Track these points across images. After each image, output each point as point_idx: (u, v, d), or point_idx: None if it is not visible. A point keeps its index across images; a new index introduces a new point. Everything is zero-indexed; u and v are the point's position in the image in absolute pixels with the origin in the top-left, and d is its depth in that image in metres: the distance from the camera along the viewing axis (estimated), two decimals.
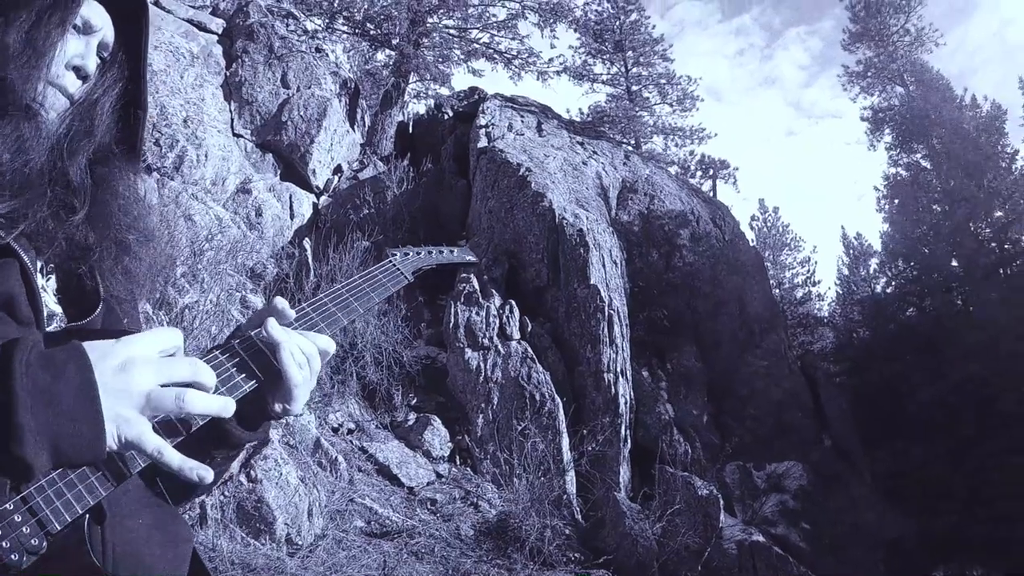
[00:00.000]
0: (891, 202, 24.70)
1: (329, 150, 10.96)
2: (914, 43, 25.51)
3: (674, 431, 11.11)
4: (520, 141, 15.17)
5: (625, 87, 24.36)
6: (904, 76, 25.17)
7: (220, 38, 11.17)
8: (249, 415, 0.96)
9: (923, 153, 24.37)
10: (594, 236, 12.06)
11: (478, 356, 9.10)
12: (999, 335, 17.72)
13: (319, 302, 1.06)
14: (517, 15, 17.69)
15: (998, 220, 21.84)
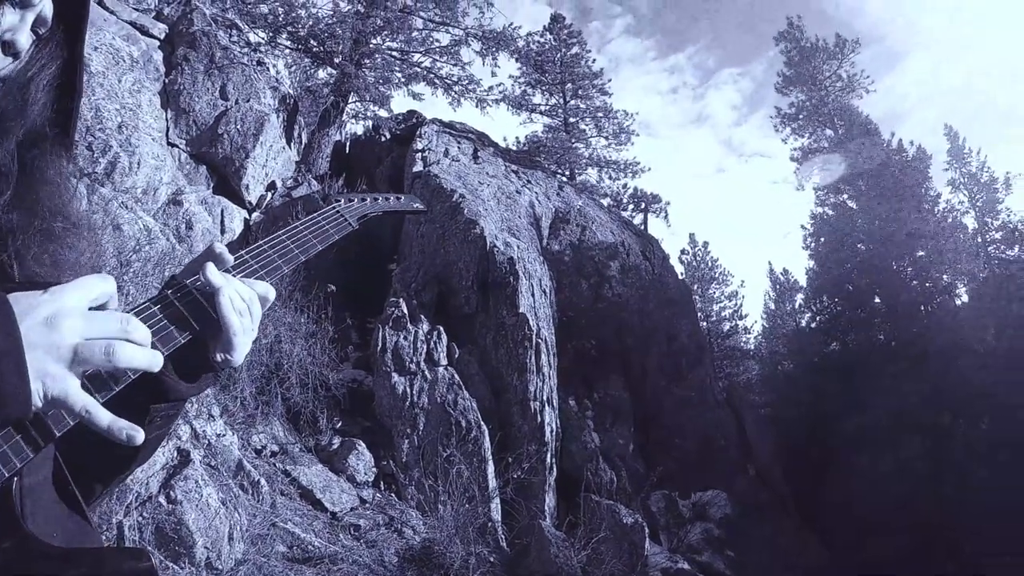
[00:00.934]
0: (817, 240, 25.51)
1: (264, 166, 10.82)
2: (845, 88, 26.78)
3: (600, 460, 11.30)
4: (455, 167, 15.29)
5: (563, 118, 24.89)
6: (834, 119, 26.33)
7: (162, 44, 10.91)
8: (189, 367, 0.93)
9: (850, 194, 25.45)
10: (524, 265, 12.23)
11: (405, 381, 9.10)
12: (920, 369, 18.75)
13: (259, 249, 1.02)
14: (460, 42, 17.85)
15: (920, 259, 22.88)
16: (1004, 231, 24.02)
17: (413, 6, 17.27)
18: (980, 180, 24.70)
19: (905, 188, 23.45)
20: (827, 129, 26.67)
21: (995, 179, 24.50)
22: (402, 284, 11.57)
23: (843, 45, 26.92)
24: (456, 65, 17.89)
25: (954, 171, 25.32)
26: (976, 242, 24.06)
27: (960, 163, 25.23)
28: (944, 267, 22.74)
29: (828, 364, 22.33)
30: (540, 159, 21.66)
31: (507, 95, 20.49)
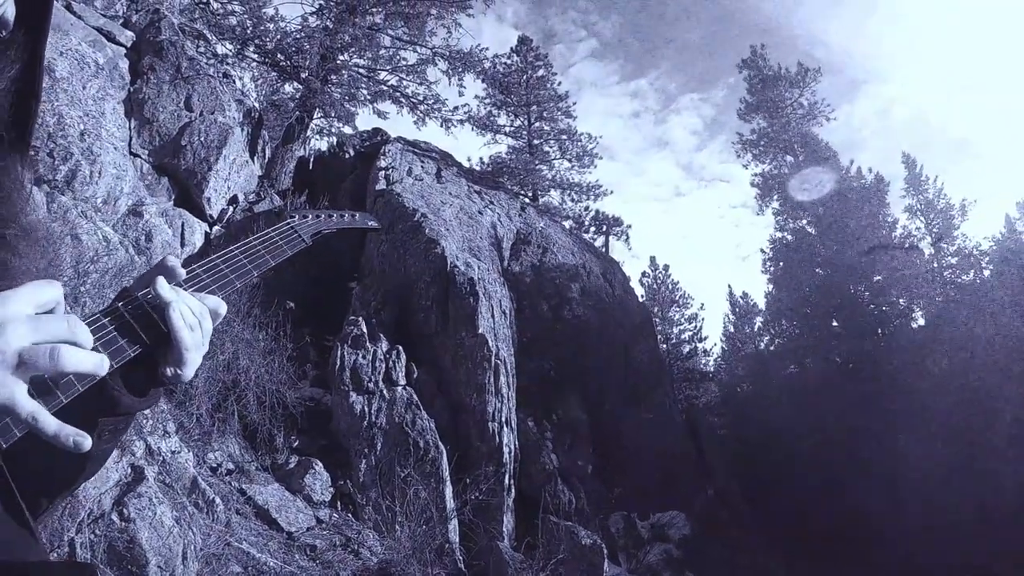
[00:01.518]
0: (776, 264, 26.11)
1: (227, 179, 10.72)
2: (806, 116, 27.42)
3: (559, 481, 11.35)
4: (418, 186, 15.32)
5: (527, 140, 25.10)
6: (795, 146, 26.97)
7: (128, 51, 10.74)
8: (139, 381, 0.92)
9: (808, 219, 26.01)
10: (485, 286, 12.30)
11: (363, 400, 9.06)
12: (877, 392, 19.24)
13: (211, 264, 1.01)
14: (427, 61, 17.95)
15: (877, 284, 23.60)
16: (959, 256, 24.62)
17: (381, 24, 17.35)
18: (936, 207, 25.32)
19: (863, 214, 24.21)
20: (788, 155, 27.28)
21: (951, 206, 25.16)
22: (362, 302, 11.55)
23: (805, 74, 27.61)
24: (422, 84, 17.96)
25: (911, 198, 25.97)
26: (932, 267, 24.63)
27: (917, 190, 25.87)
28: (901, 291, 23.51)
29: (787, 386, 22.81)
30: (503, 180, 21.83)
31: (472, 115, 20.64)
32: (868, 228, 24.09)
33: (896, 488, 17.10)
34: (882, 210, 25.07)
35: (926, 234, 25.27)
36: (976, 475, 15.95)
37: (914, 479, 16.93)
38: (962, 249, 24.58)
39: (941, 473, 16.76)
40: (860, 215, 24.23)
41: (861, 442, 18.44)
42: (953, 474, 16.50)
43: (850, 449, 18.46)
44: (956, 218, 24.90)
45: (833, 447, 18.78)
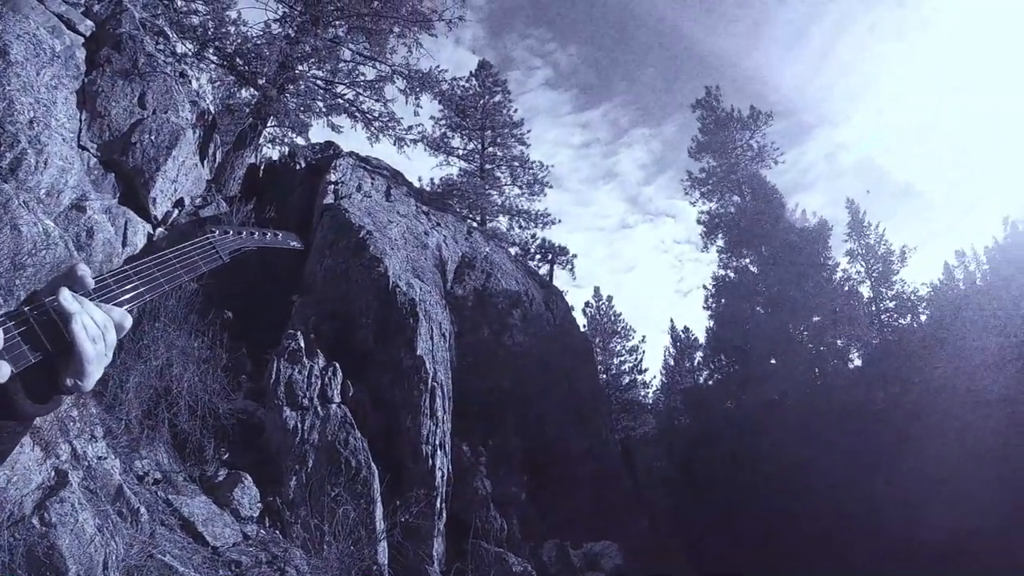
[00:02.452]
0: (718, 301, 26.55)
1: (174, 181, 10.51)
2: (755, 158, 28.32)
3: (491, 507, 11.35)
4: (367, 203, 15.26)
5: (479, 164, 25.34)
6: (742, 187, 27.80)
7: (87, 41, 10.46)
8: (40, 387, 0.91)
9: (752, 259, 26.71)
10: (425, 307, 12.32)
11: (296, 416, 8.96)
12: (814, 427, 19.76)
13: (123, 273, 1.00)
14: (386, 78, 17.95)
15: (816, 324, 24.24)
16: (897, 300, 25.43)
17: (343, 37, 17.34)
18: (877, 252, 26.17)
19: (805, 256, 24.87)
20: (735, 195, 28.09)
21: (891, 251, 26.02)
22: (301, 316, 11.41)
23: (756, 117, 28.45)
24: (379, 101, 17.94)
25: (853, 242, 26.76)
26: (870, 310, 25.46)
27: (859, 235, 26.68)
28: (839, 332, 24.07)
29: (724, 421, 23.19)
30: (452, 202, 21.98)
31: (426, 136, 20.63)
32: (810, 270, 24.71)
33: (837, 524, 17.54)
34: (824, 253, 25.70)
35: (866, 278, 26.14)
36: (909, 508, 16.54)
37: (856, 515, 17.43)
38: (900, 293, 25.46)
39: (880, 508, 17.31)
40: (803, 257, 24.86)
41: (798, 478, 18.88)
42: (890, 509, 17.07)
43: (786, 485, 18.89)
44: (896, 263, 25.82)
45: (772, 482, 19.18)
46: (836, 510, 17.67)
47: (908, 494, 16.85)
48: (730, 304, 25.95)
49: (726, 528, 18.70)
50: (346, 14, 17.07)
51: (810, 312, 24.30)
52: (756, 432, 20.85)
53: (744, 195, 27.71)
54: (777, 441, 20.02)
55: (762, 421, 21.39)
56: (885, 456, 18.18)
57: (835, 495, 18.01)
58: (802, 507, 18.13)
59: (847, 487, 18.00)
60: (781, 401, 22.84)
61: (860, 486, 17.85)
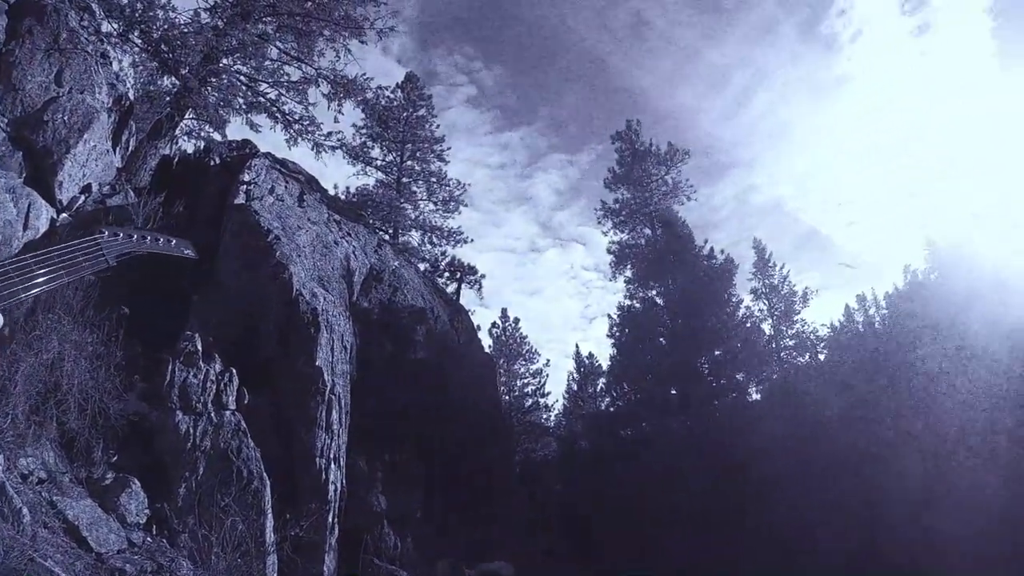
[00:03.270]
0: (622, 330, 26.90)
1: (84, 165, 10.12)
2: (669, 193, 29.02)
3: (386, 524, 11.34)
4: (278, 207, 15.04)
5: (396, 177, 25.26)
6: (654, 220, 28.46)
7: (10, 7, 9.93)
8: None
9: (658, 291, 27.27)
10: (328, 318, 12.28)
11: (189, 421, 8.81)
12: (711, 458, 20.43)
13: (2, 270, 0.90)
14: (311, 80, 17.71)
15: (717, 358, 24.95)
16: (797, 339, 26.76)
17: (272, 35, 17.05)
18: (780, 292, 27.55)
19: (711, 292, 25.65)
20: (646, 228, 28.72)
21: (794, 292, 27.45)
22: (201, 318, 11.16)
23: (674, 154, 29.25)
24: (301, 103, 17.65)
25: (758, 281, 28.15)
26: (771, 347, 26.57)
27: (764, 274, 28.11)
28: (739, 367, 24.96)
29: (623, 448, 23.59)
30: (366, 213, 21.87)
31: (346, 144, 20.35)
32: (714, 305, 25.46)
33: (729, 555, 18.18)
34: (729, 289, 26.43)
35: (768, 316, 27.44)
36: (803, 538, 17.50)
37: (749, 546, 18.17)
38: (800, 333, 26.80)
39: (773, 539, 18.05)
40: (708, 292, 25.60)
41: (694, 507, 19.52)
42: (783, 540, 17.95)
43: (684, 514, 19.50)
44: (798, 304, 27.23)
45: (668, 511, 19.70)
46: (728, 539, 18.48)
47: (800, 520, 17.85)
48: (634, 334, 26.41)
49: (621, 553, 19.17)
50: (278, 11, 16.78)
51: (712, 346, 25.03)
52: (653, 462, 21.48)
53: (655, 228, 28.34)
54: (674, 472, 20.67)
55: (660, 452, 21.94)
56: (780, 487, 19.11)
57: (727, 525, 18.80)
58: (697, 538, 18.74)
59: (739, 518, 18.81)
60: (680, 433, 23.48)
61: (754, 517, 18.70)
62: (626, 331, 26.77)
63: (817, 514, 17.71)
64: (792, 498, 18.56)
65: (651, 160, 29.30)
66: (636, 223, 29.10)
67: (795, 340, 26.94)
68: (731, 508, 19.28)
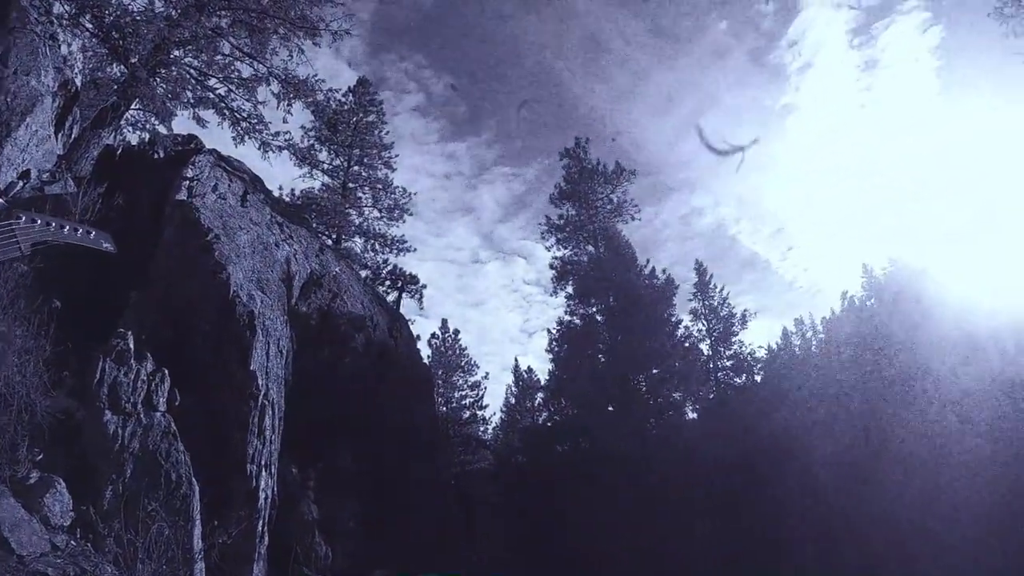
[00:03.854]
0: (562, 345, 27.21)
1: (24, 150, 9.80)
2: (613, 212, 29.45)
3: (317, 533, 11.18)
4: (220, 205, 14.78)
5: (342, 182, 25.04)
6: (598, 238, 28.84)
7: None
8: None
9: (599, 308, 27.60)
10: (264, 322, 12.14)
11: (118, 421, 8.57)
12: (647, 475, 20.71)
13: None
14: (261, 79, 17.52)
15: (655, 376, 25.40)
16: (734, 360, 27.46)
17: (225, 29, 16.79)
18: (720, 313, 28.17)
19: (651, 311, 26.12)
20: (589, 245, 29.11)
21: (733, 314, 28.12)
22: (136, 315, 10.89)
23: (620, 173, 29.68)
24: (250, 101, 17.48)
25: (698, 302, 28.75)
26: (708, 367, 27.20)
27: (704, 296, 28.71)
28: (676, 386, 25.48)
29: (560, 462, 23.91)
30: (310, 217, 21.64)
31: (293, 145, 20.14)
32: (654, 325, 25.92)
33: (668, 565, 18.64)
34: (669, 309, 27.04)
35: (706, 336, 28.04)
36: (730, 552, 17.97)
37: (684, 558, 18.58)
38: (737, 354, 27.53)
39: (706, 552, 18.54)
40: (648, 312, 26.07)
41: (629, 521, 19.83)
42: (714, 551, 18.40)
43: (620, 528, 19.78)
44: (736, 326, 27.93)
45: (602, 525, 19.98)
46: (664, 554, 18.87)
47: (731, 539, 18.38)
48: (573, 350, 26.67)
49: (558, 566, 19.28)
50: (233, 6, 16.55)
51: (650, 365, 25.47)
52: (590, 476, 21.67)
53: (599, 246, 28.71)
54: (610, 486, 20.93)
55: (597, 466, 22.17)
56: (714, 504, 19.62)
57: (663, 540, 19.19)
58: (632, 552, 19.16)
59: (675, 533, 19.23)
60: (616, 448, 23.54)
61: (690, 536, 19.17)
62: (565, 346, 27.03)
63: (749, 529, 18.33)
64: (727, 514, 19.13)
65: (598, 178, 29.71)
66: (579, 240, 29.45)
67: (732, 361, 27.67)
68: (667, 524, 19.71)
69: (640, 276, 27.53)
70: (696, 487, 20.33)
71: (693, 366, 26.22)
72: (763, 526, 18.49)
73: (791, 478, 18.97)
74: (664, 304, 26.99)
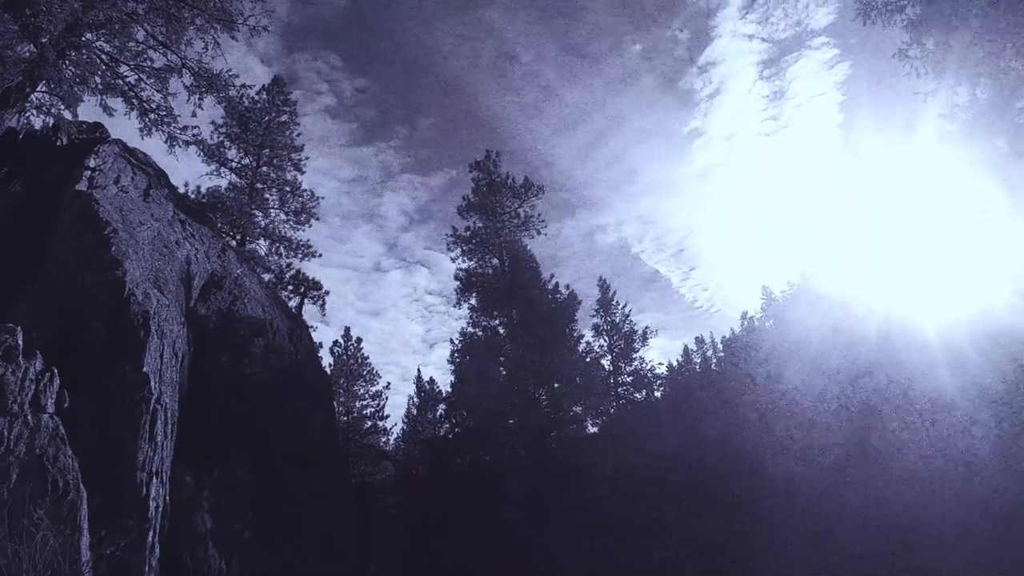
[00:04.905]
0: (463, 357, 27.18)
1: None
2: (520, 226, 29.51)
3: (210, 544, 10.88)
4: (121, 199, 14.30)
5: (250, 182, 24.38)
6: (504, 251, 28.92)
7: None
8: None
9: (501, 321, 27.72)
10: (160, 322, 11.82)
11: (4, 423, 8.18)
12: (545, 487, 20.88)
13: None
14: (174, 69, 17.08)
15: (556, 390, 25.65)
16: (635, 376, 27.99)
17: (142, 15, 16.26)
18: (621, 330, 28.79)
19: (553, 326, 26.37)
20: (495, 258, 29.15)
21: (634, 331, 28.76)
22: (26, 309, 10.42)
23: (528, 188, 29.90)
24: (160, 92, 16.97)
25: (600, 318, 29.27)
26: (609, 382, 27.67)
27: (607, 312, 29.31)
28: (577, 400, 25.80)
29: (460, 473, 23.85)
30: (214, 216, 21.00)
31: (202, 140, 19.56)
32: (556, 339, 26.15)
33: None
34: (571, 324, 27.35)
35: (607, 352, 28.60)
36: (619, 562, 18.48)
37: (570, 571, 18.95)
38: (638, 370, 28.11)
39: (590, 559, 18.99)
40: (551, 326, 26.31)
41: (527, 533, 20.03)
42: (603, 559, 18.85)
43: (517, 540, 19.98)
44: (637, 343, 28.55)
45: (503, 538, 20.15)
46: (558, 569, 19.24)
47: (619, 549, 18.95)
48: (475, 362, 26.67)
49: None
50: None
51: (552, 378, 25.80)
52: (491, 487, 21.86)
53: (504, 259, 28.81)
54: (509, 498, 21.14)
55: (499, 477, 22.37)
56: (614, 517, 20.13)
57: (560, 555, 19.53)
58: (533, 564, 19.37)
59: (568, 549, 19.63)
60: (517, 461, 23.98)
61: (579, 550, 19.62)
62: (467, 358, 27.08)
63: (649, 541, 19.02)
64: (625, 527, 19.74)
65: (506, 192, 29.88)
66: (485, 252, 29.52)
67: (633, 377, 28.34)
68: (562, 537, 20.12)
69: (544, 291, 27.83)
70: (591, 502, 20.84)
71: (594, 381, 26.68)
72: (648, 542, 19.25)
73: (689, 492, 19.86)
74: (567, 319, 27.38)
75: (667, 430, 21.74)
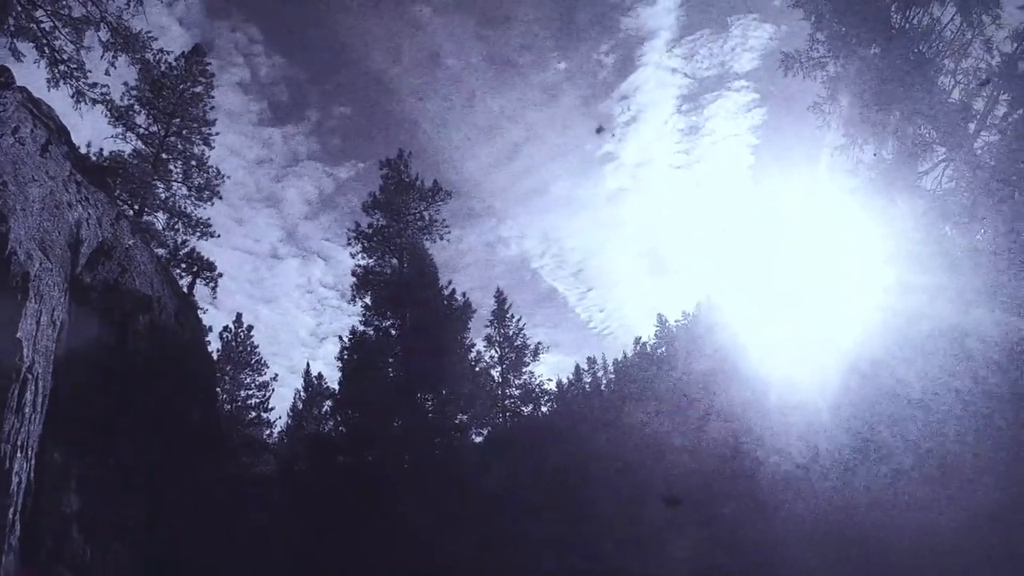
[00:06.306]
0: (352, 356, 26.66)
1: None
2: (424, 228, 29.24)
3: (76, 528, 10.23)
4: (16, 151, 13.45)
5: (156, 151, 23.35)
6: (404, 252, 28.62)
7: None
8: None
9: (394, 322, 27.35)
10: (40, 287, 11.25)
11: None
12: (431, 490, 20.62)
13: None
14: (92, 22, 16.39)
15: (444, 397, 25.59)
16: (523, 390, 28.42)
17: None
18: (514, 343, 29.17)
19: (446, 332, 26.33)
20: (394, 258, 28.83)
21: (527, 345, 29.15)
22: None
23: (437, 191, 29.67)
24: (75, 43, 16.26)
25: (493, 329, 29.65)
26: (497, 394, 27.98)
27: (501, 324, 29.68)
28: (464, 408, 25.89)
29: (344, 472, 23.47)
30: (114, 182, 19.95)
31: (111, 101, 18.72)
32: (447, 345, 26.13)
33: None
34: (464, 333, 27.37)
35: (498, 364, 28.99)
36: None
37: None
38: (527, 384, 28.60)
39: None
40: (443, 332, 26.27)
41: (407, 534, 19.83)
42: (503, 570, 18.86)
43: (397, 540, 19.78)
44: (528, 357, 28.96)
45: (383, 541, 19.87)
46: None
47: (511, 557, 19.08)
48: (365, 361, 26.32)
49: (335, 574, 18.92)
50: None
51: (440, 384, 25.76)
52: (371, 489, 21.67)
53: (403, 261, 28.51)
54: (392, 500, 20.97)
55: (380, 479, 22.22)
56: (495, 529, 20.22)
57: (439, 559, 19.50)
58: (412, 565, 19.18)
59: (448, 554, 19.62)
60: (399, 464, 23.95)
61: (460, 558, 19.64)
62: (356, 357, 26.70)
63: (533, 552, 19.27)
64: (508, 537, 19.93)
65: (414, 193, 29.60)
66: (386, 251, 29.14)
67: (521, 390, 28.86)
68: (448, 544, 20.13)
69: (440, 296, 27.72)
70: (474, 512, 21.00)
71: (482, 391, 26.99)
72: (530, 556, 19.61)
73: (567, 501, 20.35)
74: (460, 327, 27.42)
75: (554, 445, 22.22)
